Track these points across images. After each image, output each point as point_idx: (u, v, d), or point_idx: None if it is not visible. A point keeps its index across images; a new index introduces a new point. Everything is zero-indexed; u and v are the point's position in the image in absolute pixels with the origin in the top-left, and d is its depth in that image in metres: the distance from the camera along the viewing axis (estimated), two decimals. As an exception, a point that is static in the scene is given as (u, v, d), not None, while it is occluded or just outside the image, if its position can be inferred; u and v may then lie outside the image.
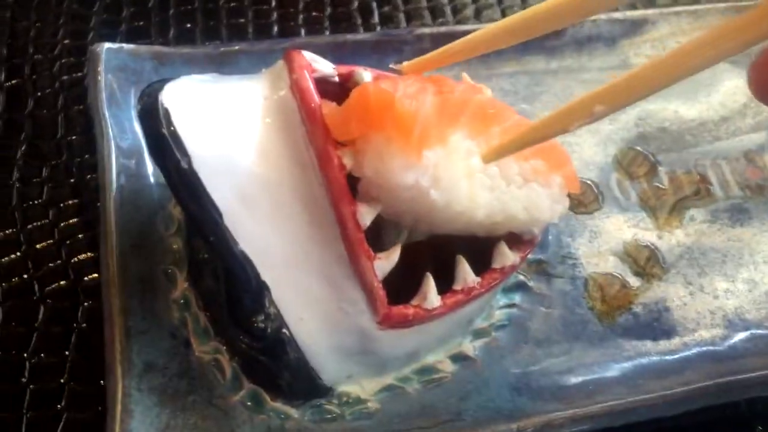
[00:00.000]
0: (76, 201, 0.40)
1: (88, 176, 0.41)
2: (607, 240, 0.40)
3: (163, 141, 0.28)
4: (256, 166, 0.29)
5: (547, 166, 0.33)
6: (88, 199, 0.40)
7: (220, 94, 0.30)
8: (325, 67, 0.32)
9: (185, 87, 0.30)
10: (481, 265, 0.34)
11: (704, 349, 0.37)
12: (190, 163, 0.28)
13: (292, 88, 0.30)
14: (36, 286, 0.38)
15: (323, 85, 0.32)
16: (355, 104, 0.29)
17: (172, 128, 0.28)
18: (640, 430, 0.34)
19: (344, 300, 0.30)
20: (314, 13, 0.50)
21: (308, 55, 0.31)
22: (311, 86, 0.29)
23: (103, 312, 0.34)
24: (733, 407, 0.37)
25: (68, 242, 0.39)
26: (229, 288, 0.32)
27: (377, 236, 0.33)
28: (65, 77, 0.45)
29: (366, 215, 0.29)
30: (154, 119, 0.28)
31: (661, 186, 0.43)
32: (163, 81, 0.29)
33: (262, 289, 0.30)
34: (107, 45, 0.39)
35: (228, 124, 0.29)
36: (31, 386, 0.35)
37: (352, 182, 0.30)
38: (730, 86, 0.47)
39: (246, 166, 0.29)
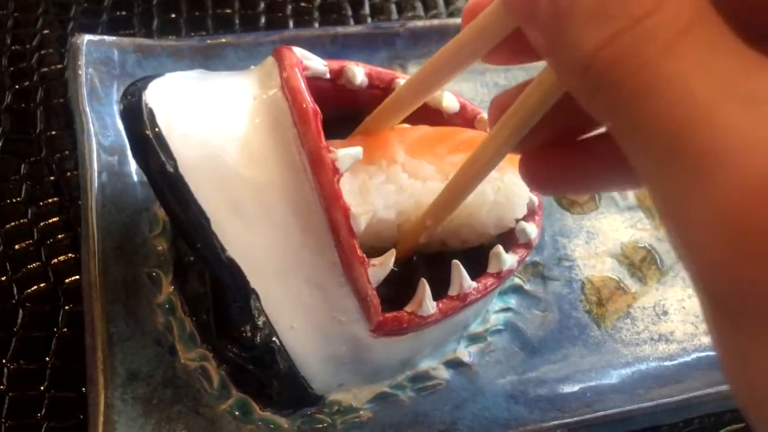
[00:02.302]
0: (56, 199, 0.39)
1: (69, 173, 0.39)
2: (603, 241, 0.40)
3: (147, 143, 0.26)
4: (246, 169, 0.28)
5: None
6: (69, 197, 0.39)
7: (206, 93, 0.29)
8: (317, 64, 0.31)
9: (170, 85, 0.28)
10: (476, 269, 0.33)
11: (703, 354, 0.36)
12: (175, 166, 0.26)
13: (283, 87, 0.28)
14: (14, 289, 0.36)
15: (314, 81, 0.30)
16: None
17: (156, 129, 0.27)
18: (637, 436, 0.34)
19: (337, 308, 0.29)
20: (303, 4, 0.49)
21: (299, 52, 0.30)
22: (303, 86, 0.28)
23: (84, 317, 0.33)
24: (732, 413, 0.36)
25: (48, 242, 0.37)
26: (217, 295, 0.31)
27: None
28: (45, 69, 0.43)
29: (360, 220, 0.28)
30: (137, 120, 0.27)
31: (658, 185, 0.42)
32: (147, 78, 0.28)
33: (251, 297, 0.28)
34: (88, 37, 0.38)
35: (215, 125, 0.28)
36: (9, 394, 0.34)
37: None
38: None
39: (235, 169, 0.28)
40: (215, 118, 0.28)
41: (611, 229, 0.40)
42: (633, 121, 0.16)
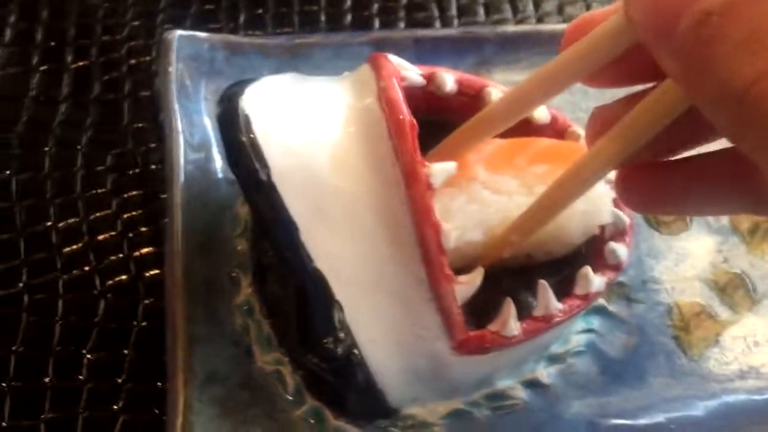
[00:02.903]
0: (140, 192, 0.39)
1: (153, 166, 0.40)
2: (693, 264, 0.38)
3: (241, 149, 0.26)
4: (337, 179, 0.27)
5: None
6: (153, 190, 0.39)
7: (301, 99, 0.29)
8: (413, 74, 0.30)
9: (266, 90, 0.28)
10: (561, 288, 0.32)
11: (796, 391, 0.34)
12: (269, 174, 0.26)
13: (380, 97, 0.28)
14: (97, 280, 0.37)
15: (407, 90, 0.30)
16: None
17: (251, 136, 0.26)
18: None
19: (419, 323, 0.29)
20: (389, 3, 0.48)
21: (396, 60, 0.29)
22: (400, 97, 0.27)
23: (163, 311, 0.33)
24: (824, 455, 0.34)
25: (131, 235, 0.38)
26: (300, 304, 0.31)
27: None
28: (133, 61, 0.43)
29: (450, 237, 0.27)
30: (233, 125, 0.26)
31: (753, 207, 0.40)
32: (244, 83, 0.28)
33: (334, 308, 0.28)
34: (179, 32, 0.38)
35: (309, 132, 0.28)
36: (88, 384, 0.34)
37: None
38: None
39: (326, 179, 0.27)
40: (309, 125, 0.28)
41: (702, 252, 0.38)
42: None
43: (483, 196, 0.30)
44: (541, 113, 0.34)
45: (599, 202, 0.32)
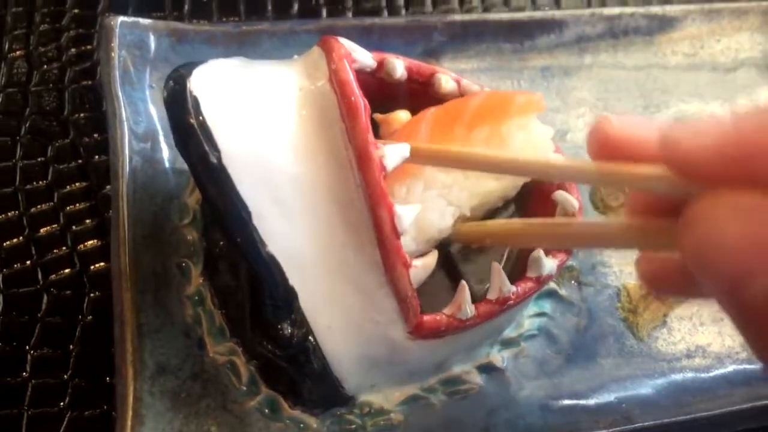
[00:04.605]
0: (83, 184, 0.38)
1: (97, 157, 0.39)
2: (640, 248, 0.39)
3: (191, 132, 0.26)
4: (290, 163, 0.27)
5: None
6: (96, 182, 0.38)
7: (251, 82, 0.28)
8: (364, 56, 0.30)
9: (215, 73, 0.27)
10: (514, 271, 0.32)
11: (741, 368, 0.35)
12: (219, 157, 0.26)
13: (331, 79, 0.27)
14: (39, 274, 0.35)
15: (359, 75, 0.29)
16: None
17: (201, 118, 0.26)
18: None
19: (375, 308, 0.29)
20: (337, -8, 0.48)
21: (347, 43, 0.29)
22: (352, 79, 0.27)
23: (110, 305, 0.32)
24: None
25: (74, 228, 0.37)
26: (253, 291, 0.30)
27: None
28: (73, 50, 0.42)
29: (405, 219, 0.27)
30: (181, 108, 0.26)
31: (696, 192, 0.41)
32: (191, 65, 0.27)
33: (289, 294, 0.28)
34: (122, 18, 0.37)
35: (260, 115, 0.27)
36: (32, 381, 0.33)
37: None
38: (769, 90, 0.45)
39: (278, 163, 0.27)
40: (260, 108, 0.27)
41: (648, 236, 0.39)
42: None
43: (440, 179, 0.30)
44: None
45: (540, 142, 0.33)
